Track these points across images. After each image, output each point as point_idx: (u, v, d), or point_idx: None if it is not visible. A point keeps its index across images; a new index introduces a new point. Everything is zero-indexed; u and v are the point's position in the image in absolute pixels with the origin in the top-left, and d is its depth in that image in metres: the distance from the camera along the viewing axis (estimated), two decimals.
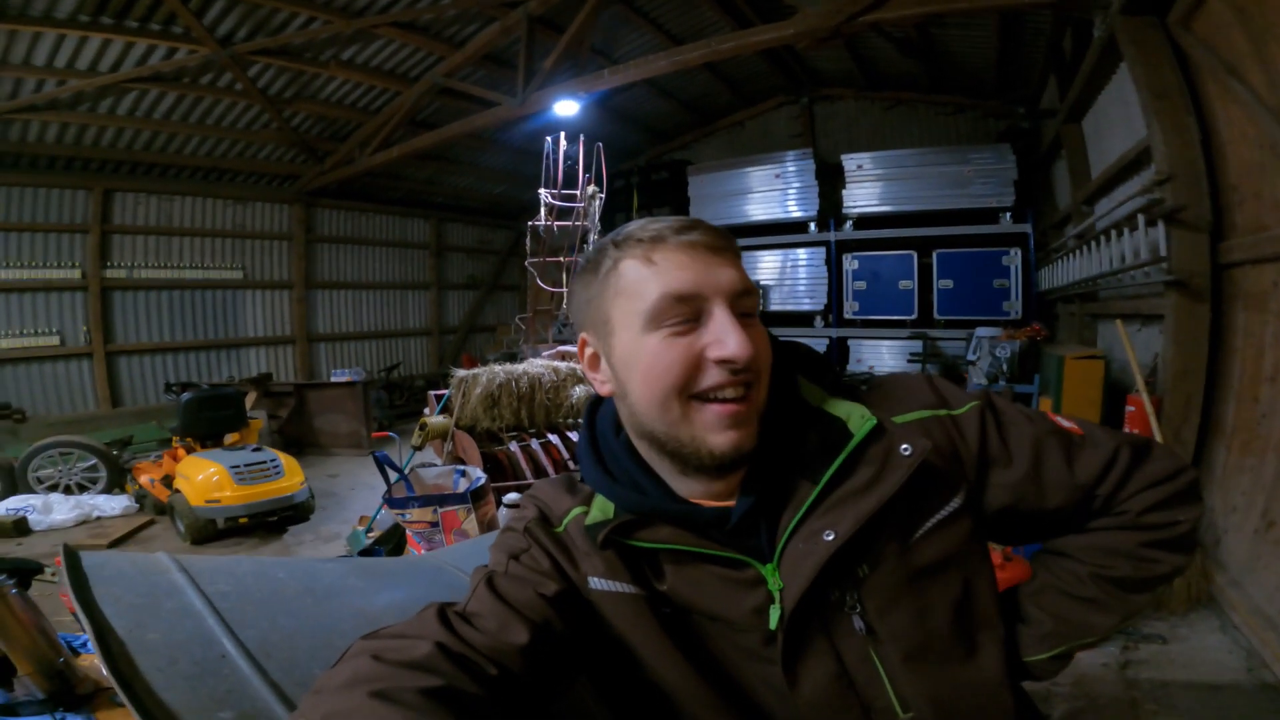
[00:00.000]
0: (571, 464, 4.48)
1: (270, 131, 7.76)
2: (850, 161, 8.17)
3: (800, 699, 0.69)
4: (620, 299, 0.70)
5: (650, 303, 0.67)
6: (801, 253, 8.74)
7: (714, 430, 0.67)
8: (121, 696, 0.65)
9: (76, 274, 7.29)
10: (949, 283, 7.69)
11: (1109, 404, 4.24)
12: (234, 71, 6.44)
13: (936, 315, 7.74)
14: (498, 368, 4.75)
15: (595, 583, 0.72)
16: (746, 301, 0.69)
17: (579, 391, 4.88)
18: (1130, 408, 3.62)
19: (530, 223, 6.98)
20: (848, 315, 8.40)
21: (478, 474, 2.93)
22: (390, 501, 2.60)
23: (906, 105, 9.07)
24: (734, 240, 0.72)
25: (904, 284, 7.96)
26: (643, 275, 0.68)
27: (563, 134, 6.93)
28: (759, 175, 8.97)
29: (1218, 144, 3.17)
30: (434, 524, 2.51)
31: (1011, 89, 7.74)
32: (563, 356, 5.31)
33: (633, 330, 0.69)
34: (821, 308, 8.60)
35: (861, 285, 8.25)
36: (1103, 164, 4.79)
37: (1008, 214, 7.32)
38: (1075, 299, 5.81)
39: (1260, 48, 2.66)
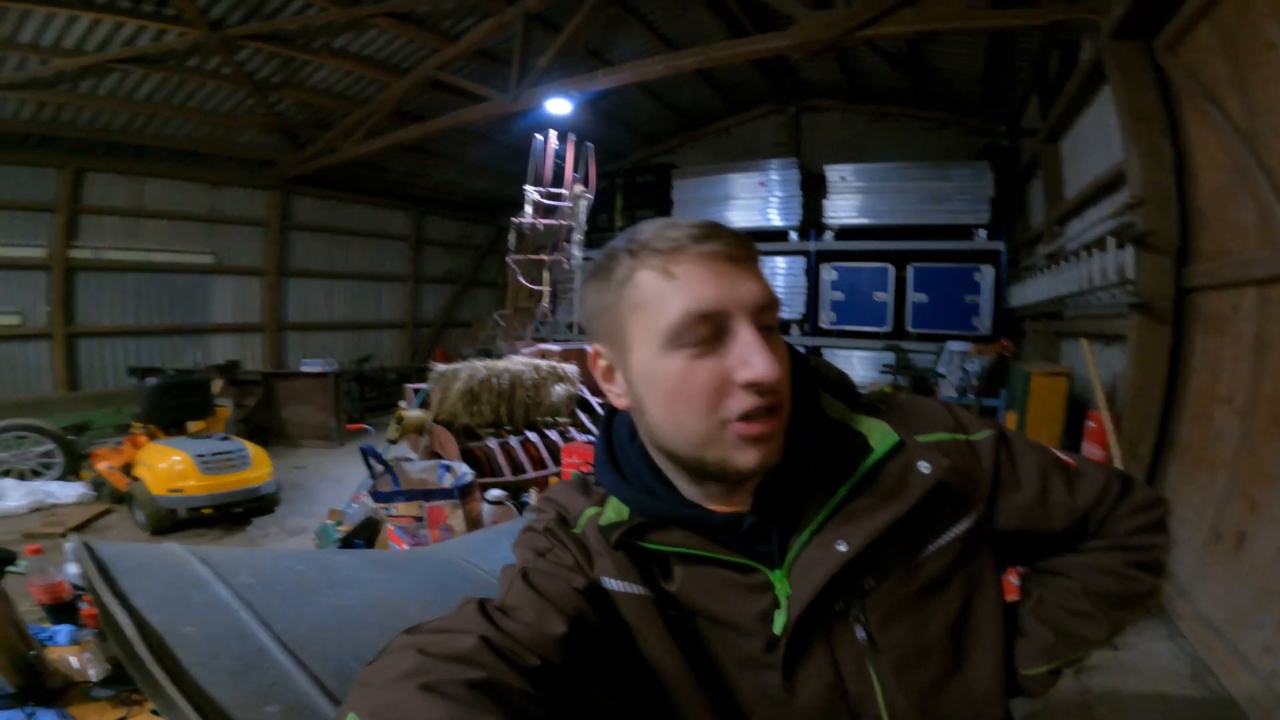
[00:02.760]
0: (550, 462, 4.48)
1: (253, 117, 7.59)
2: (834, 172, 8.29)
3: (795, 707, 0.70)
4: (637, 313, 0.67)
5: (670, 320, 0.64)
6: (781, 261, 8.84)
7: (740, 450, 0.65)
8: (171, 692, 0.64)
9: (41, 253, 7.03)
10: (923, 297, 7.88)
11: (1070, 420, 4.39)
12: (222, 55, 6.29)
13: (909, 328, 7.92)
14: (479, 363, 4.70)
15: (608, 582, 0.73)
16: (769, 315, 0.67)
17: (560, 390, 4.88)
18: (1090, 424, 3.75)
19: (514, 219, 6.94)
20: (823, 325, 8.53)
21: (464, 469, 2.90)
22: (375, 495, 2.57)
23: (892, 119, 9.21)
24: (754, 247, 0.70)
25: (879, 296, 8.12)
26: (661, 289, 0.65)
27: (553, 132, 6.92)
28: (743, 182, 9.05)
29: (1189, 168, 3.27)
30: (419, 519, 2.49)
31: (994, 107, 7.92)
32: (543, 355, 5.30)
33: (652, 348, 0.66)
34: (799, 317, 8.71)
35: (839, 296, 8.40)
36: (1078, 185, 4.93)
37: (982, 231, 7.52)
38: (1042, 317, 5.99)
39: (1241, 74, 2.78)
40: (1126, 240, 3.50)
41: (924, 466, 0.70)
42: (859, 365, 8.30)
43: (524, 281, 7.09)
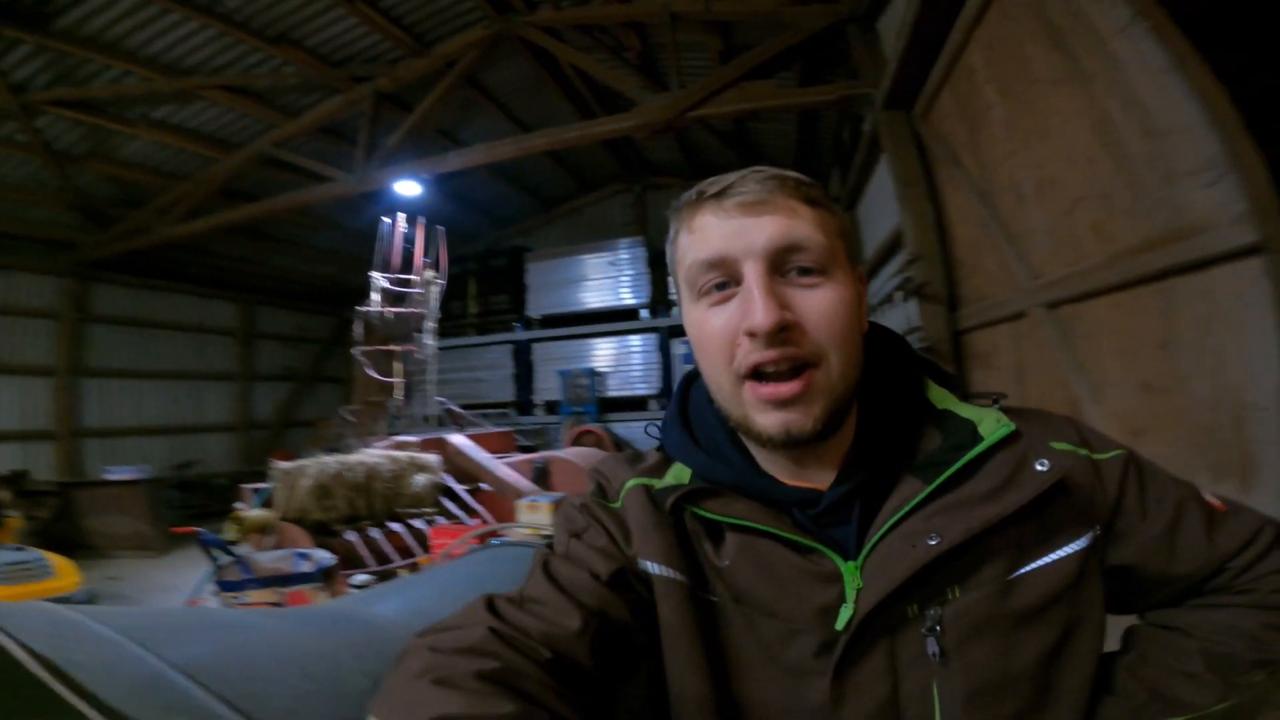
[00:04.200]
0: (418, 549, 4.28)
1: (47, 191, 6.77)
2: None
3: None
4: (677, 268, 0.69)
5: (685, 271, 0.66)
6: (635, 339, 9.25)
7: (761, 412, 0.62)
8: (77, 703, 0.62)
9: None
10: None
11: None
12: (19, 121, 5.66)
13: None
14: (328, 458, 4.55)
15: (645, 564, 0.67)
16: (799, 257, 0.62)
17: (421, 480, 4.76)
18: None
19: (361, 309, 6.68)
20: None
21: (324, 554, 2.72)
22: (224, 584, 2.32)
23: None
24: (796, 187, 0.65)
25: None
26: (685, 244, 0.67)
27: (401, 215, 6.87)
28: (594, 263, 9.48)
29: (948, 224, 3.77)
30: (278, 604, 2.29)
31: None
32: (400, 447, 5.15)
33: (686, 301, 0.67)
34: (656, 392, 9.08)
35: (690, 369, 8.91)
36: (873, 247, 5.51)
37: None
38: None
39: (974, 135, 3.05)
40: (909, 293, 4.00)
41: (1042, 463, 0.63)
42: None
43: (374, 374, 6.80)
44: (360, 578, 2.78)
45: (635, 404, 9.19)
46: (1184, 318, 1.82)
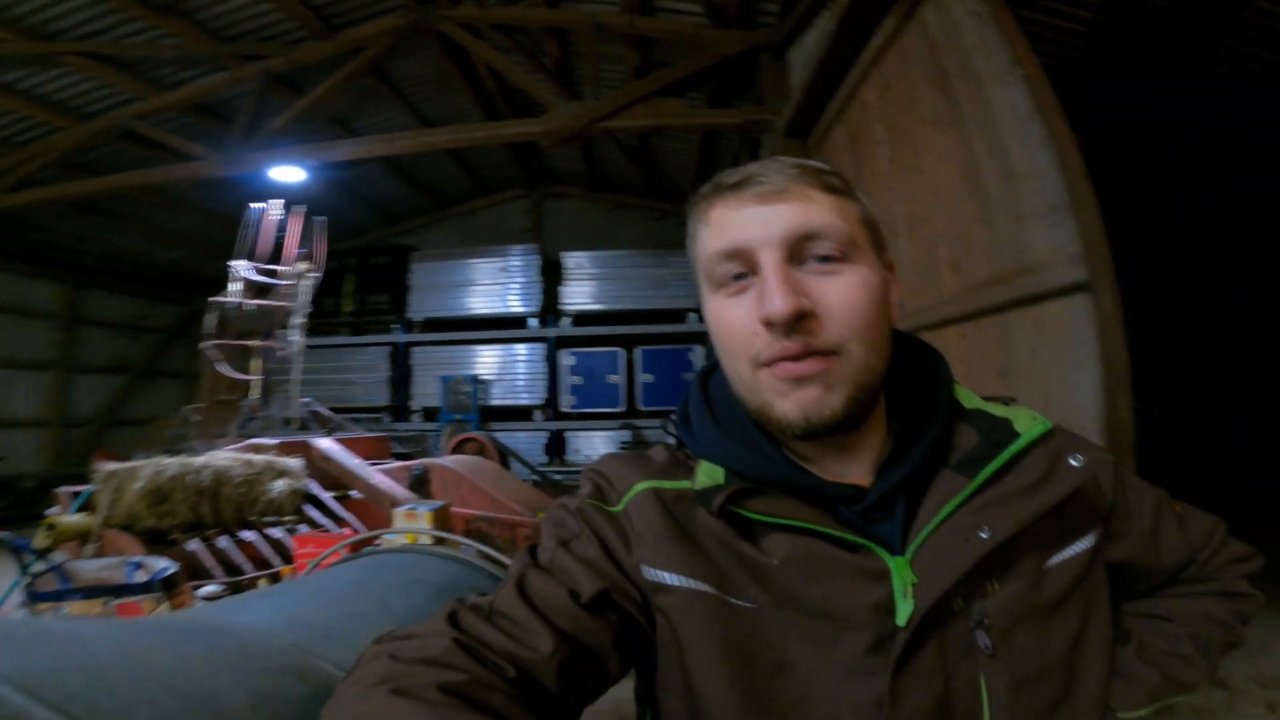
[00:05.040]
0: (276, 560, 3.93)
1: None
2: (570, 259, 8.96)
3: None
4: (696, 264, 0.68)
5: (703, 263, 0.66)
6: (521, 348, 9.10)
7: (779, 395, 0.61)
8: None
9: None
10: (650, 377, 8.78)
11: None
12: None
13: (641, 406, 8.70)
14: (168, 459, 4.08)
15: (653, 573, 0.64)
16: (817, 245, 0.61)
17: (280, 485, 4.39)
18: None
19: (215, 299, 6.08)
20: (564, 409, 8.89)
21: (163, 563, 2.43)
22: (37, 595, 2.00)
23: (625, 208, 10.25)
24: (816, 175, 0.64)
25: (612, 378, 8.82)
26: (702, 237, 0.66)
27: (276, 202, 6.35)
28: (484, 268, 9.24)
29: None
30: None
31: None
32: (256, 450, 4.73)
33: (704, 294, 0.67)
34: (541, 402, 8.97)
35: (578, 380, 8.89)
36: None
37: (693, 314, 8.67)
38: None
39: (859, 168, 3.21)
40: None
41: (1076, 459, 0.66)
42: (600, 444, 8.76)
43: (227, 370, 6.19)
44: (210, 589, 2.52)
45: (519, 414, 9.02)
46: (1020, 346, 2.05)
